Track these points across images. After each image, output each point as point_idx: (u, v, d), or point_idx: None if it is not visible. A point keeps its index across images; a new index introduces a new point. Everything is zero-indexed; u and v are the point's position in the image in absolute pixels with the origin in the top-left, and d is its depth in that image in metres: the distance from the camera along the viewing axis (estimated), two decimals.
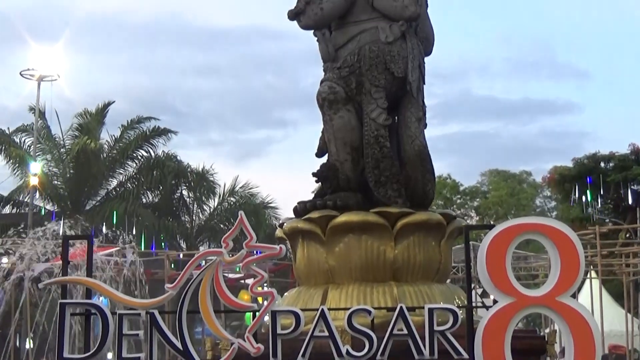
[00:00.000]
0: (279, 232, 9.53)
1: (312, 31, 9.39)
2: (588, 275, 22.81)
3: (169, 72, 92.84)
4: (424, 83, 9.48)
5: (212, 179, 39.43)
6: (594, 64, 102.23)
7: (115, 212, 34.45)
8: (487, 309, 6.39)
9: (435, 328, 6.16)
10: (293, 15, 9.21)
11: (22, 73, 33.92)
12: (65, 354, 6.45)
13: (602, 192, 38.30)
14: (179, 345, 6.40)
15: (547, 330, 14.12)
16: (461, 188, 63.69)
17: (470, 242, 6.97)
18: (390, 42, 9.03)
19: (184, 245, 37.52)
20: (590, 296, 20.24)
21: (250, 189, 39.79)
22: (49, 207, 36.40)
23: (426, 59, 9.62)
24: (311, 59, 9.43)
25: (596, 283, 21.97)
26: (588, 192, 36.23)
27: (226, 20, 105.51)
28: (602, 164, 41.40)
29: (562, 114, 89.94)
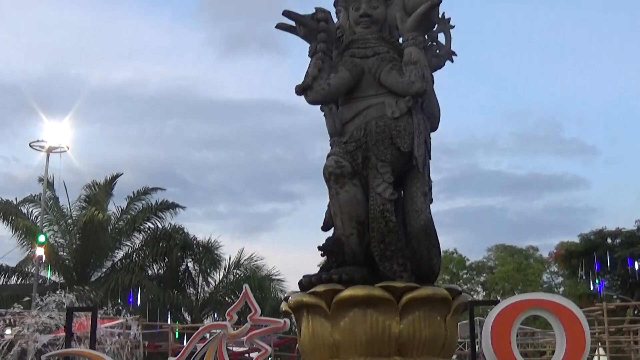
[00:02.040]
0: (283, 306, 9.50)
1: (319, 106, 9.50)
2: (596, 352, 22.62)
3: (178, 144, 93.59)
4: (430, 158, 9.53)
5: (217, 251, 39.49)
6: (600, 140, 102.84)
7: (120, 284, 34.38)
8: None
9: None
10: (300, 90, 9.32)
11: (31, 144, 34.23)
12: None
13: (609, 269, 38.18)
14: None
15: None
16: (467, 263, 63.56)
17: (476, 318, 6.96)
18: (397, 118, 9.11)
19: (188, 318, 37.39)
20: None
21: (256, 261, 39.84)
22: (54, 278, 36.34)
23: (433, 135, 9.69)
24: (319, 132, 9.54)
25: None
26: (595, 268, 36.09)
27: (235, 93, 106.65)
28: (609, 240, 41.34)
29: (569, 190, 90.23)
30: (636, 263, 36.98)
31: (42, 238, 31.65)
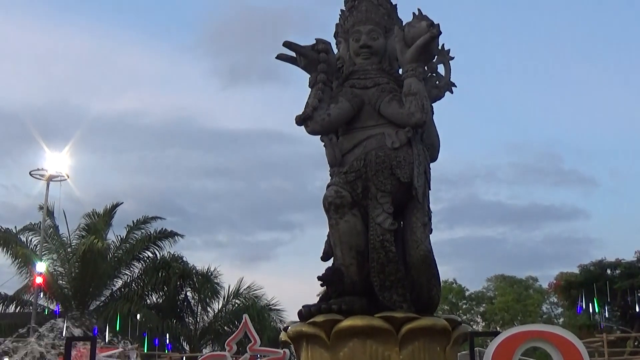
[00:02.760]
0: (283, 336, 9.48)
1: (319, 136, 9.53)
2: None
3: (178, 174, 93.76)
4: (430, 189, 9.55)
5: (217, 280, 39.40)
6: (600, 171, 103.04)
7: (119, 312, 34.28)
8: None
9: None
10: (301, 120, 9.35)
11: (32, 173, 34.31)
12: None
13: (609, 300, 38.09)
14: None
15: None
16: (467, 293, 63.45)
17: (476, 349, 6.95)
18: (397, 148, 9.14)
19: (187, 347, 37.23)
20: None
21: (255, 291, 39.74)
22: (52, 306, 36.26)
23: (432, 165, 9.72)
24: (319, 162, 9.55)
25: None
26: (595, 299, 36.00)
27: (236, 123, 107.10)
28: (609, 271, 41.31)
29: (568, 220, 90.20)
30: (636, 294, 36.88)
31: (41, 266, 31.61)
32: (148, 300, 38.85)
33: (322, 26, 10.33)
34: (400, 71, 9.56)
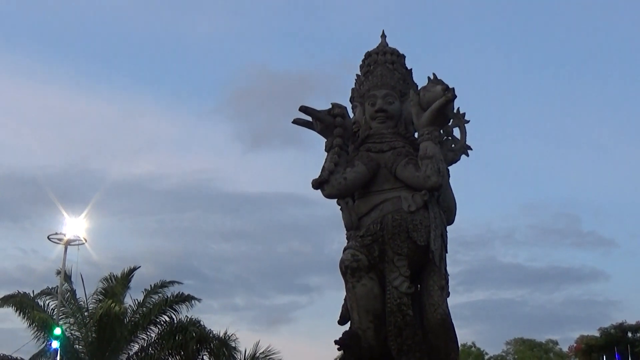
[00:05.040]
0: None
1: (336, 200, 9.56)
2: None
3: (196, 237, 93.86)
4: (447, 251, 9.54)
5: (233, 344, 39.10)
6: (619, 233, 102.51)
7: None
8: None
9: None
10: (317, 184, 9.39)
11: (50, 237, 34.36)
12: None
13: None
14: None
15: None
16: (486, 357, 62.78)
17: None
18: (413, 212, 9.15)
19: None
20: None
21: (272, 354, 39.27)
22: None
23: (450, 227, 9.73)
24: (337, 224, 9.57)
25: None
26: None
27: (255, 186, 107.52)
28: (630, 334, 40.90)
29: (588, 282, 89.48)
30: None
31: (57, 331, 31.54)
32: None
33: (344, 90, 10.43)
34: (416, 135, 9.62)
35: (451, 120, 9.76)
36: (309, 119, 9.63)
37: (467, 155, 9.83)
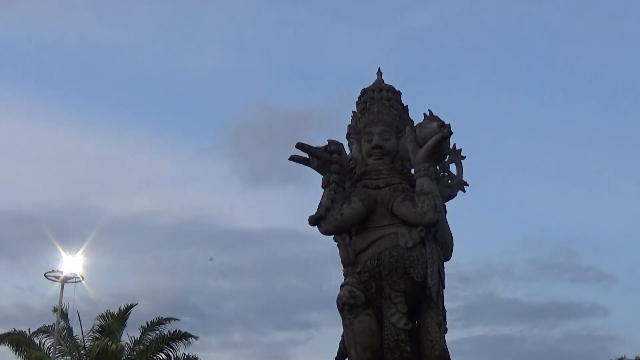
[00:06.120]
0: None
1: (333, 236, 9.54)
2: None
3: (193, 273, 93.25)
4: (444, 287, 9.52)
5: None
6: (618, 267, 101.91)
7: None
8: None
9: None
10: (314, 220, 9.38)
11: (46, 275, 34.22)
12: None
13: None
14: None
15: None
16: None
17: None
18: (410, 248, 9.14)
19: None
20: None
21: None
22: None
23: (448, 263, 9.71)
24: (335, 260, 9.55)
25: None
26: None
27: (252, 223, 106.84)
28: None
29: (588, 318, 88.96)
30: None
31: None
32: None
33: (343, 127, 10.45)
34: (413, 171, 9.64)
35: (447, 157, 9.78)
36: (306, 155, 9.64)
37: (464, 191, 9.84)
